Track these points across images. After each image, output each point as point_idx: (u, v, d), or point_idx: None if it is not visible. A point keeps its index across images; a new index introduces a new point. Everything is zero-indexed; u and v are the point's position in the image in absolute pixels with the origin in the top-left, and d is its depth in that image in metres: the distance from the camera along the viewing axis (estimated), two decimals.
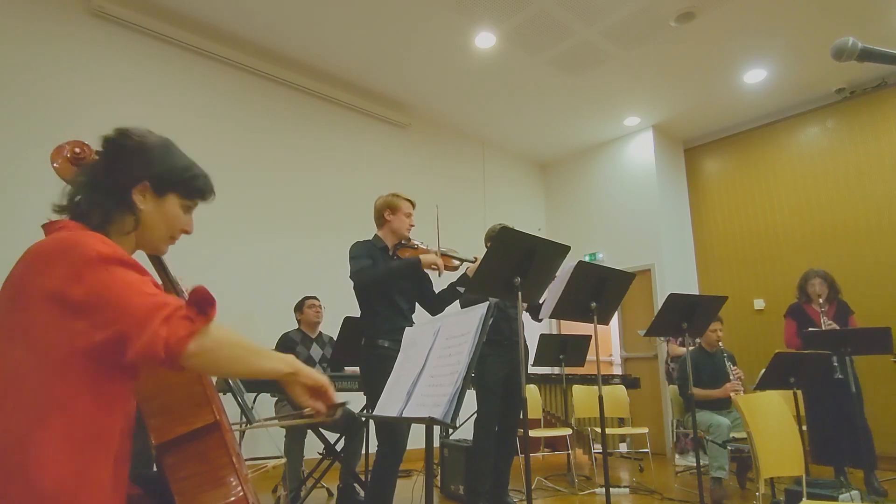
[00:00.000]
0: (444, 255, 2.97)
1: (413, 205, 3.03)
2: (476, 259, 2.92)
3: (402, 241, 2.98)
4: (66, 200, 1.12)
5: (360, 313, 2.91)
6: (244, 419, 2.08)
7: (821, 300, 4.16)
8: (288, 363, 1.09)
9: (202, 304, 0.95)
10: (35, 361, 0.95)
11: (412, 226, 3.00)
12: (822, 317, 4.11)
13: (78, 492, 0.93)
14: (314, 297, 4.19)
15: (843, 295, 4.33)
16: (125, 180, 1.13)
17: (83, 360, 0.96)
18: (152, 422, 1.12)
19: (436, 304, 3.06)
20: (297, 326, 4.12)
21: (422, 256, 2.80)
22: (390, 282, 2.80)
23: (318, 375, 1.14)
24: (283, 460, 3.30)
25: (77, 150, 1.23)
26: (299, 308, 4.16)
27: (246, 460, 1.31)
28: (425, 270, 2.86)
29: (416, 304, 3.03)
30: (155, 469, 1.20)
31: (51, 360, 0.95)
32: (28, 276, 0.98)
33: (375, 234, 3.02)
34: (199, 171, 1.24)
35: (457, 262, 3.02)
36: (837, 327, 4.08)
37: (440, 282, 3.07)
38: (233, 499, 1.10)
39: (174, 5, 4.65)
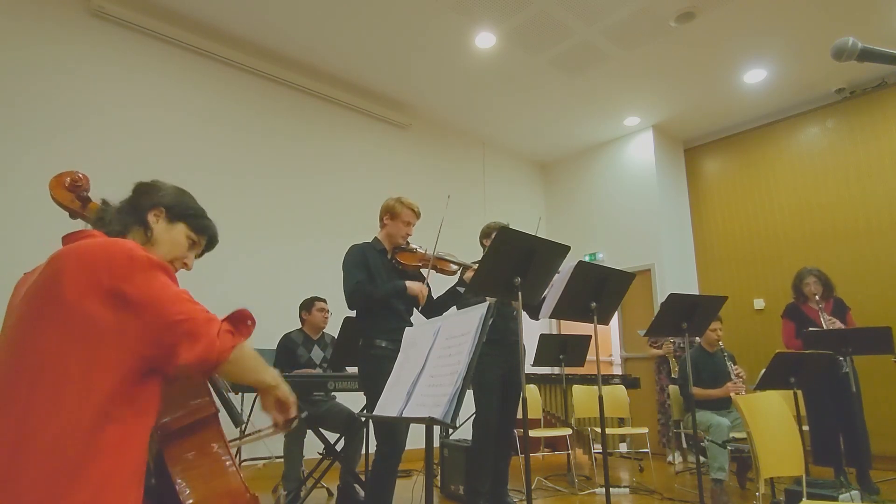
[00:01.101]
0: (440, 259, 2.98)
1: (417, 214, 3.00)
2: (471, 266, 2.93)
3: (401, 245, 2.98)
4: (92, 222, 1.28)
5: (357, 314, 2.92)
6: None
7: (816, 298, 4.14)
8: (274, 377, 1.26)
9: (241, 321, 1.13)
10: (77, 357, 0.99)
11: (409, 234, 2.99)
12: (821, 314, 4.07)
13: (113, 488, 0.98)
14: (323, 300, 4.09)
15: (838, 292, 4.31)
16: (144, 204, 1.31)
17: (130, 357, 1.02)
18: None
19: (434, 309, 3.06)
20: (299, 326, 4.10)
21: (407, 284, 2.83)
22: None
23: (289, 392, 1.29)
24: (274, 460, 3.29)
25: (77, 178, 1.39)
26: (307, 307, 4.07)
27: (248, 459, 1.35)
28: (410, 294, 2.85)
29: (415, 307, 3.03)
30: (153, 480, 1.21)
31: (97, 356, 1.00)
32: (68, 278, 1.02)
33: (375, 237, 3.02)
34: (209, 219, 1.40)
35: (454, 267, 3.02)
36: (839, 323, 4.05)
37: (439, 284, 3.07)
38: (233, 487, 1.13)
39: (174, 5, 4.65)
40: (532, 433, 4.45)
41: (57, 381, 0.98)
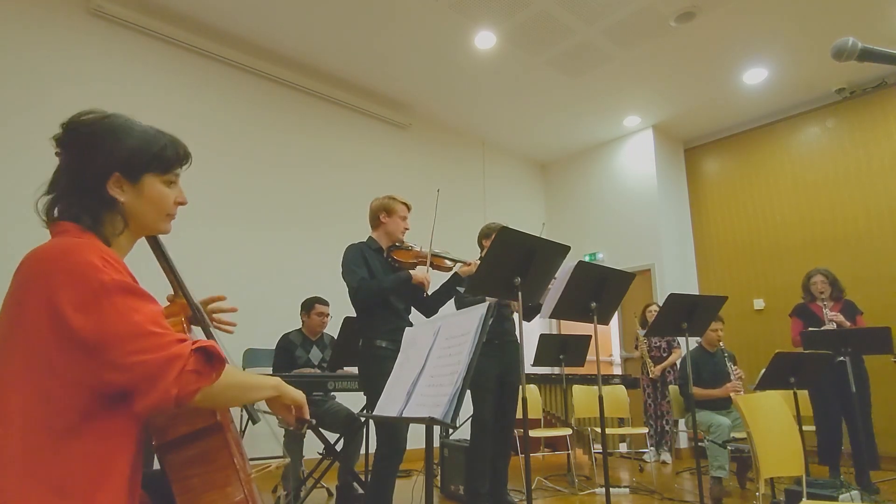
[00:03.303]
0: (436, 256, 2.98)
1: (409, 208, 3.05)
2: (469, 262, 2.94)
3: (396, 244, 2.98)
4: (47, 208, 1.06)
5: (356, 314, 2.92)
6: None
7: (823, 296, 4.13)
8: (274, 387, 1.17)
9: (212, 358, 0.98)
10: (37, 383, 0.92)
11: (407, 229, 3.02)
12: (824, 311, 4.05)
13: None
14: (325, 304, 4.06)
15: (847, 294, 4.30)
16: (95, 176, 1.06)
17: (87, 389, 0.94)
18: (153, 421, 1.11)
19: (430, 305, 3.07)
20: (299, 326, 4.09)
21: (412, 272, 2.86)
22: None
23: (297, 395, 1.21)
24: (287, 460, 3.29)
25: None
26: (307, 309, 4.05)
27: (249, 459, 1.30)
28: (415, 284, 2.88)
29: (420, 298, 3.04)
30: (155, 467, 1.19)
31: (54, 385, 0.92)
32: (29, 287, 0.94)
33: (370, 236, 3.02)
34: (166, 140, 1.16)
35: (449, 263, 3.03)
36: (843, 320, 4.01)
37: (436, 281, 3.07)
38: (233, 500, 1.10)
39: (173, 5, 4.65)
40: (532, 433, 4.45)
41: (13, 416, 0.90)
